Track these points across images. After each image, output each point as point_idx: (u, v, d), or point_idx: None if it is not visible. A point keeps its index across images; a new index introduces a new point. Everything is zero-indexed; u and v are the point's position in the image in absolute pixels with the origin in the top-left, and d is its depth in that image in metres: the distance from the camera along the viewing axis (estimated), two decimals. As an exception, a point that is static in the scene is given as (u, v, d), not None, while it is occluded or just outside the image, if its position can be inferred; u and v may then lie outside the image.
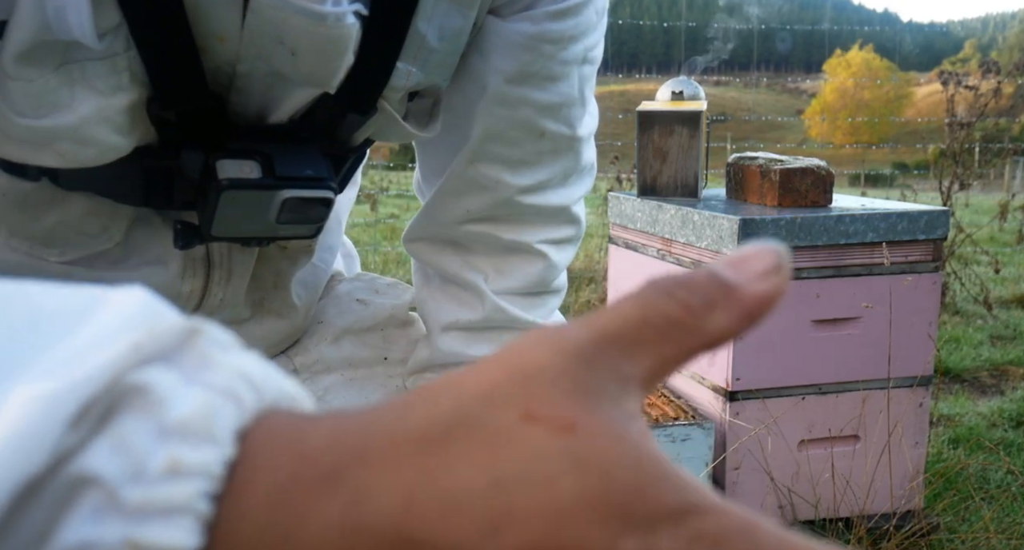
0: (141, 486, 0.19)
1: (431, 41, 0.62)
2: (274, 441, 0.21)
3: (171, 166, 0.60)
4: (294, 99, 0.61)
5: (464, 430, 0.20)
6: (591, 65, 0.71)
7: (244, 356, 0.23)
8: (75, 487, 0.19)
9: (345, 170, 0.72)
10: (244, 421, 0.21)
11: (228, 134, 0.60)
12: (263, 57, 0.57)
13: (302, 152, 0.61)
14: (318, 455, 0.20)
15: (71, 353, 0.20)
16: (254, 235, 0.62)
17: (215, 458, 0.20)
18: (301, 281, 0.78)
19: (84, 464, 0.19)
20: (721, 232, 1.82)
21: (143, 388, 0.20)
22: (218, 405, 0.21)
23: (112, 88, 0.54)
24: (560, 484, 0.19)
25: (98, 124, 0.55)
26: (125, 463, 0.19)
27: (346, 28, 0.56)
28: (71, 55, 0.52)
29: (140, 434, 0.20)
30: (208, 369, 0.22)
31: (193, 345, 0.22)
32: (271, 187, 0.59)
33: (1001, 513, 2.03)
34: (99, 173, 0.59)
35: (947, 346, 3.54)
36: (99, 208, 0.64)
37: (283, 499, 0.20)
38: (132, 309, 0.22)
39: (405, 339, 0.85)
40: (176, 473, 0.19)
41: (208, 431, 0.20)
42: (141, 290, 0.23)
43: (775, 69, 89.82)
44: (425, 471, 0.20)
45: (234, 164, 0.58)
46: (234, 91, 0.59)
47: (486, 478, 0.19)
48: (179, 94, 0.57)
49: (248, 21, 0.55)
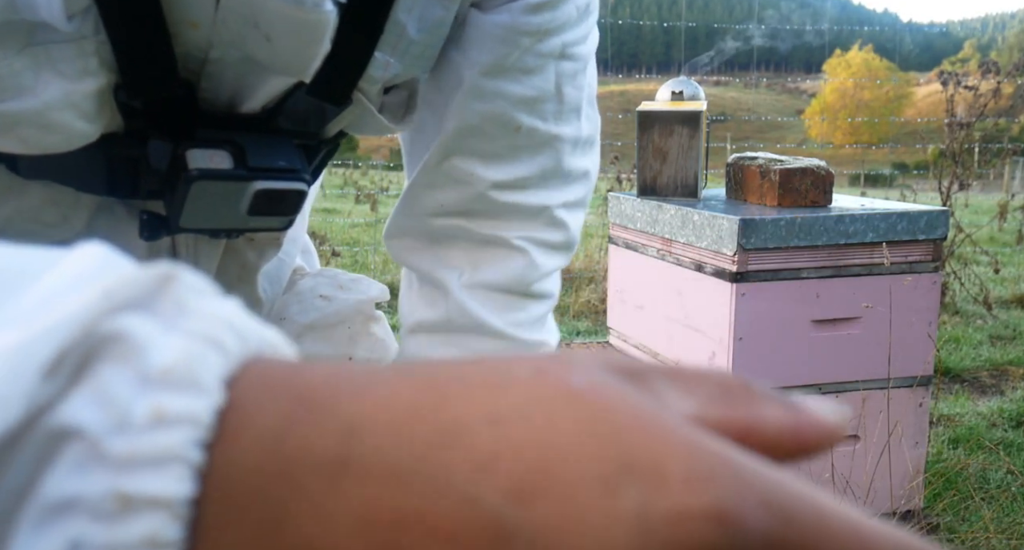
0: (126, 436, 0.18)
1: (410, 32, 0.61)
2: (266, 385, 0.20)
3: (137, 155, 0.58)
4: (268, 88, 0.59)
5: (468, 376, 0.20)
6: (571, 61, 0.70)
7: (223, 302, 0.22)
8: (55, 440, 0.18)
9: (317, 162, 0.71)
10: (230, 367, 0.20)
11: (198, 122, 0.58)
12: (236, 43, 0.55)
13: (275, 143, 0.60)
14: (314, 394, 0.20)
15: (35, 303, 0.19)
16: (224, 227, 0.61)
17: (203, 406, 0.19)
18: (266, 274, 0.76)
19: (63, 416, 0.18)
20: (721, 232, 1.82)
21: (119, 336, 0.19)
22: (201, 352, 0.20)
23: (79, 72, 0.52)
24: (560, 422, 0.18)
25: (63, 109, 0.53)
26: (107, 413, 0.18)
27: (324, 14, 0.54)
28: (36, 37, 0.50)
29: (121, 383, 0.19)
30: (186, 315, 0.21)
31: (168, 292, 0.21)
32: (243, 178, 0.57)
33: (1001, 513, 2.03)
34: (62, 161, 0.57)
35: (947, 346, 3.55)
36: (59, 197, 0.62)
37: (277, 440, 0.19)
38: (93, 260, 0.21)
39: (371, 337, 0.83)
40: (162, 422, 0.18)
41: (193, 379, 0.19)
42: (100, 244, 0.22)
43: (775, 69, 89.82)
44: (421, 406, 0.19)
45: (204, 154, 0.56)
46: (205, 77, 0.58)
47: (483, 413, 0.19)
48: (148, 81, 0.55)
49: (223, 3, 0.53)
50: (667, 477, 0.17)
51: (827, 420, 0.21)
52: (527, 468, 0.18)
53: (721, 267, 1.84)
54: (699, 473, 0.18)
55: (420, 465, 0.18)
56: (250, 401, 0.20)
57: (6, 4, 0.48)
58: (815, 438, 0.21)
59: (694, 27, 9.55)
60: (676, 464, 0.18)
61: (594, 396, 0.19)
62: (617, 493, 0.17)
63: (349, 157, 16.54)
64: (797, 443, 0.21)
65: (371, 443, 0.19)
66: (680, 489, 0.17)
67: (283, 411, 0.19)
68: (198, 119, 0.58)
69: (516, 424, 0.18)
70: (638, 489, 0.17)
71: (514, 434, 0.18)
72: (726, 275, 1.82)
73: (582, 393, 0.19)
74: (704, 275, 1.89)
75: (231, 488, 0.19)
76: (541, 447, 0.18)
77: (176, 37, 0.54)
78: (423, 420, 0.19)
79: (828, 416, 0.21)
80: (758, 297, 1.81)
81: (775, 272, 1.82)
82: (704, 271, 1.89)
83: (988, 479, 2.28)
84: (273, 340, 0.23)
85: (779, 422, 0.21)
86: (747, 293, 1.80)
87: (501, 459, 0.18)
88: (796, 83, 70.00)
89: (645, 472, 0.18)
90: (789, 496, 0.18)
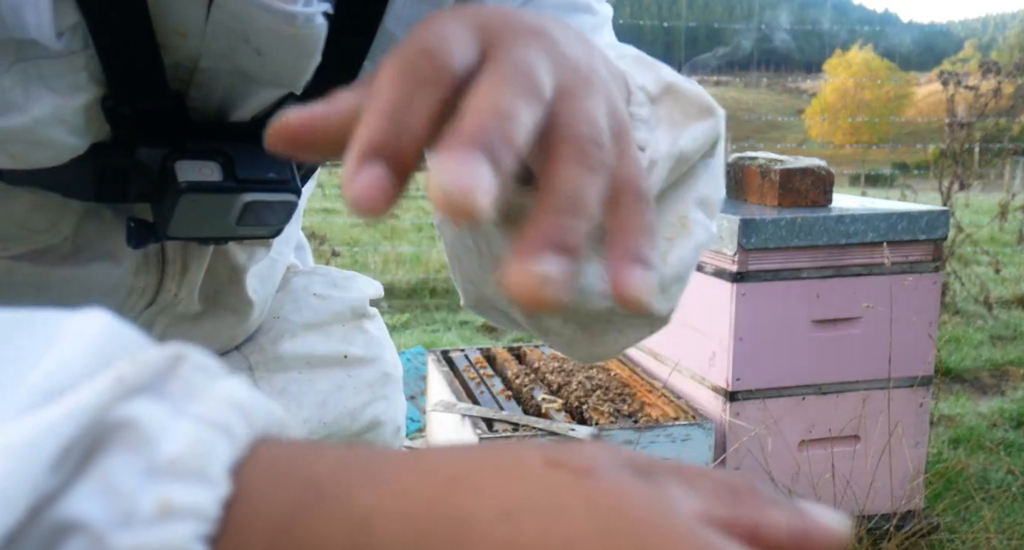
0: (131, 530, 0.18)
1: (400, 41, 0.61)
2: (273, 471, 0.20)
3: (127, 164, 0.57)
4: (258, 99, 0.59)
5: (480, 466, 0.20)
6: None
7: (230, 382, 0.22)
8: (59, 533, 0.18)
9: (306, 169, 0.70)
10: (237, 454, 0.20)
11: (186, 132, 0.57)
12: (227, 55, 0.55)
13: (264, 153, 0.59)
14: (323, 481, 0.19)
15: (44, 384, 0.19)
16: (212, 235, 0.60)
17: (210, 498, 0.19)
18: (257, 275, 0.75)
19: (68, 509, 0.18)
20: (721, 232, 1.81)
21: (128, 423, 0.19)
22: (209, 439, 0.19)
23: (70, 88, 0.52)
24: (570, 516, 0.18)
25: (53, 125, 0.52)
26: (113, 506, 0.18)
27: (315, 28, 0.53)
28: (23, 53, 0.49)
29: (128, 474, 0.18)
30: (195, 399, 0.20)
31: (177, 373, 0.21)
32: (232, 190, 0.56)
33: (1001, 513, 2.03)
34: (50, 170, 0.56)
35: (947, 346, 3.54)
36: (46, 203, 0.61)
37: (286, 529, 0.19)
38: (96, 334, 0.21)
39: (365, 335, 0.82)
40: (168, 515, 0.18)
41: (201, 469, 0.19)
42: (101, 313, 0.21)
43: (775, 69, 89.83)
44: (435, 497, 0.19)
45: (193, 165, 0.56)
46: (194, 87, 0.57)
47: (496, 506, 0.18)
48: (137, 92, 0.54)
49: (212, 17, 0.52)
50: None
51: (832, 526, 0.21)
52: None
53: (721, 267, 1.84)
54: None
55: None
56: (257, 490, 0.19)
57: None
58: (822, 544, 0.21)
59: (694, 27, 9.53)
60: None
61: (606, 491, 0.19)
62: None
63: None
64: (805, 548, 0.21)
65: (384, 537, 0.18)
66: None
67: (291, 499, 0.19)
68: (186, 129, 0.58)
69: (529, 518, 0.18)
70: None
71: (527, 528, 0.18)
72: (726, 275, 1.82)
73: (593, 488, 0.19)
74: (704, 275, 1.89)
75: None
76: (554, 544, 0.18)
77: (164, 47, 0.54)
78: (436, 513, 0.18)
79: (832, 523, 0.21)
80: (758, 297, 1.81)
81: (775, 272, 1.82)
82: (704, 271, 1.89)
83: (988, 479, 2.28)
84: (278, 415, 0.22)
85: (787, 527, 0.21)
86: (747, 293, 1.80)
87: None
88: (796, 83, 70.00)
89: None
90: None
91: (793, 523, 0.21)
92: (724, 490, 0.21)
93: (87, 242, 0.64)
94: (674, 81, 0.45)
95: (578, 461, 0.19)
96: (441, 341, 3.69)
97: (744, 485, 0.21)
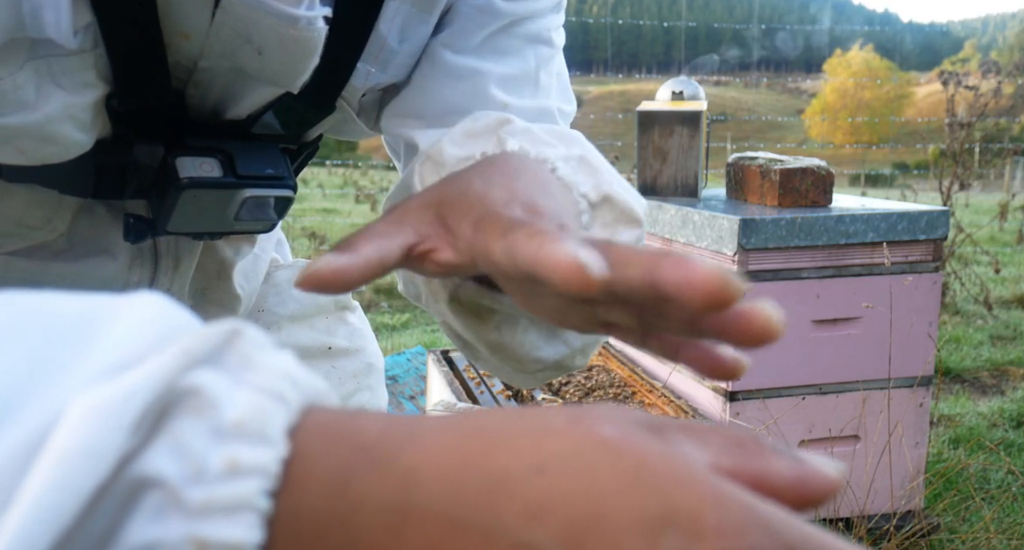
0: (202, 486, 0.20)
1: (392, 43, 0.62)
2: (325, 434, 0.22)
3: (125, 161, 0.59)
4: (255, 97, 0.60)
5: (512, 426, 0.21)
6: (547, 47, 0.68)
7: (282, 356, 0.24)
8: (137, 489, 0.20)
9: (297, 163, 0.72)
10: (292, 419, 0.22)
11: (183, 129, 0.59)
12: (227, 54, 0.56)
13: (262, 150, 0.61)
14: (371, 444, 0.21)
15: (113, 360, 0.21)
16: (209, 230, 0.62)
17: (271, 457, 0.21)
18: (243, 271, 0.77)
19: (145, 467, 0.20)
20: (721, 232, 1.81)
21: (195, 391, 0.21)
22: (267, 405, 0.22)
23: (80, 85, 0.53)
24: (601, 472, 0.20)
25: (63, 122, 0.53)
26: (185, 464, 0.20)
27: (317, 31, 0.55)
28: (36, 51, 0.50)
29: (197, 436, 0.20)
30: (252, 370, 0.22)
31: (235, 346, 0.23)
32: (233, 186, 0.58)
33: (1001, 513, 2.03)
34: (49, 166, 0.57)
35: (947, 346, 3.54)
36: (42, 199, 0.62)
37: (339, 488, 0.21)
38: (156, 314, 0.23)
39: (348, 326, 0.84)
40: (235, 472, 0.20)
41: (261, 431, 0.21)
42: (158, 295, 0.24)
43: (775, 69, 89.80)
44: (472, 454, 0.21)
45: (194, 162, 0.57)
46: (192, 85, 0.58)
47: (529, 463, 0.20)
48: (142, 90, 0.56)
49: (217, 19, 0.54)
50: (703, 526, 0.19)
51: (829, 473, 0.24)
52: (575, 516, 0.19)
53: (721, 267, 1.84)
54: (731, 523, 0.19)
55: (475, 513, 0.20)
56: (312, 451, 0.22)
57: (14, 23, 0.48)
58: (819, 489, 0.23)
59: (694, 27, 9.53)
60: (710, 514, 0.19)
61: (628, 447, 0.21)
62: (659, 541, 0.19)
63: (349, 157, 16.54)
64: (804, 493, 0.23)
65: (427, 490, 0.20)
66: (714, 538, 0.19)
67: (343, 460, 0.21)
68: (184, 126, 0.59)
69: (560, 473, 0.20)
70: (677, 537, 0.19)
71: (560, 483, 0.20)
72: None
73: (616, 444, 0.21)
74: (704, 275, 1.89)
75: (296, 534, 0.21)
76: (587, 496, 0.19)
77: (168, 47, 0.55)
78: (474, 468, 0.20)
79: (829, 470, 0.24)
80: (758, 297, 1.81)
81: (775, 272, 1.82)
82: (704, 271, 1.89)
83: (988, 479, 2.28)
84: (323, 389, 0.24)
85: (788, 473, 0.23)
86: (747, 293, 1.80)
87: (550, 507, 0.19)
88: (796, 83, 69.99)
89: (683, 521, 0.19)
90: (813, 545, 0.20)
91: (793, 471, 0.23)
92: (731, 443, 0.23)
93: (82, 238, 0.66)
94: (611, 192, 0.49)
95: (598, 419, 0.21)
96: (441, 341, 3.69)
97: (748, 438, 0.23)
